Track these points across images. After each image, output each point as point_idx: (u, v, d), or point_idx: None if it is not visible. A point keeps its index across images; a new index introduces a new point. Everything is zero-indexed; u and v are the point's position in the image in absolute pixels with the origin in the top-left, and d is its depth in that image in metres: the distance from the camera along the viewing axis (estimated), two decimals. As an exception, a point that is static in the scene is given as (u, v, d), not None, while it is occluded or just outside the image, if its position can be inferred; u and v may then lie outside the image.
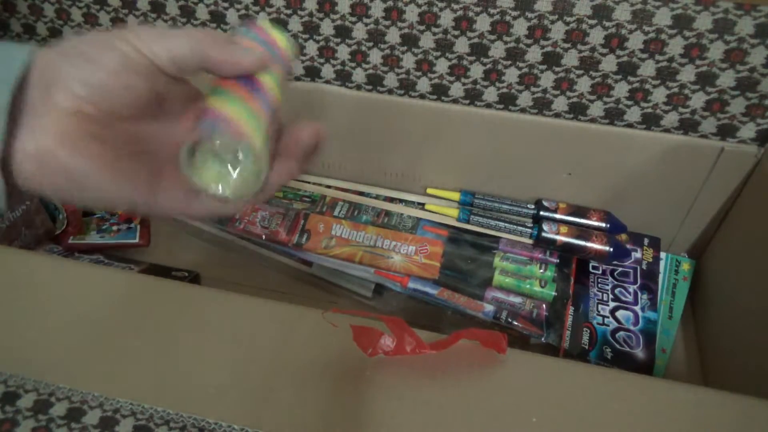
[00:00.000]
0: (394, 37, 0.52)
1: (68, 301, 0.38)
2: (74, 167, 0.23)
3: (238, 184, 0.26)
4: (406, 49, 0.53)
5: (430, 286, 0.53)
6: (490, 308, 0.51)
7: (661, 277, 0.55)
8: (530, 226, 0.56)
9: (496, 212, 0.58)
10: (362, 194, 0.62)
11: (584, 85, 0.51)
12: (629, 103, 0.51)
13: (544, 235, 0.54)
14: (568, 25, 0.48)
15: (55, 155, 0.23)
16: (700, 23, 0.45)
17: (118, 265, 0.58)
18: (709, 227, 0.55)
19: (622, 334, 0.51)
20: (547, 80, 0.51)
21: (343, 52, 0.55)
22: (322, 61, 0.56)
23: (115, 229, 0.63)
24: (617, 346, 0.50)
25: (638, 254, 0.56)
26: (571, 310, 0.52)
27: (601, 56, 0.49)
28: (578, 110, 0.52)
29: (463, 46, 0.51)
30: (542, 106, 0.53)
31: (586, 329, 0.51)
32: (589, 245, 0.54)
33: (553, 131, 0.53)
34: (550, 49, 0.49)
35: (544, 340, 0.50)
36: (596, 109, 0.52)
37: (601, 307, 0.53)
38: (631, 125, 0.52)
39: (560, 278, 0.54)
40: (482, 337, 0.35)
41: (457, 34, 0.51)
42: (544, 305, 0.52)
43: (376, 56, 0.54)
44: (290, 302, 0.37)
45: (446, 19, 0.50)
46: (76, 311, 0.38)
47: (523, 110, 0.54)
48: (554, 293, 0.53)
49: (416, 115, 0.55)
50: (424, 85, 0.55)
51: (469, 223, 0.57)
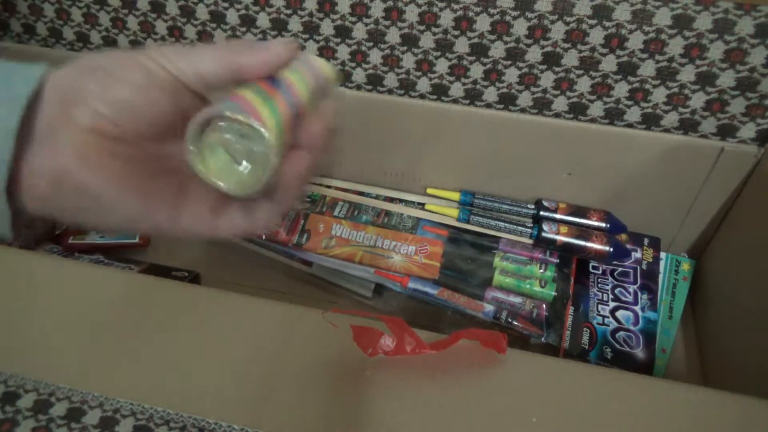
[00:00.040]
0: (394, 37, 0.52)
1: (68, 301, 0.38)
2: (93, 186, 0.22)
3: (244, 174, 0.24)
4: (406, 49, 0.53)
5: (430, 286, 0.53)
6: (490, 308, 0.51)
7: (661, 277, 0.55)
8: (530, 226, 0.56)
9: (496, 212, 0.58)
10: (362, 194, 0.62)
11: (584, 85, 0.51)
12: (629, 103, 0.51)
13: (544, 235, 0.54)
14: (568, 25, 0.48)
15: (72, 174, 0.21)
16: (700, 23, 0.45)
17: (118, 265, 0.58)
18: (709, 227, 0.55)
19: (622, 334, 0.51)
20: (547, 80, 0.51)
21: (343, 52, 0.55)
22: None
23: (115, 229, 0.63)
24: (617, 346, 0.50)
25: (638, 254, 0.56)
26: (571, 310, 0.52)
27: (601, 56, 0.49)
28: (578, 110, 0.52)
29: (463, 46, 0.51)
30: (542, 106, 0.53)
31: (586, 329, 0.51)
32: (589, 245, 0.54)
33: (553, 131, 0.53)
34: (550, 49, 0.49)
35: (544, 340, 0.50)
36: (596, 109, 0.52)
37: (601, 307, 0.53)
38: (631, 125, 0.52)
39: (560, 278, 0.54)
40: (482, 337, 0.35)
41: (457, 34, 0.51)
42: (544, 305, 0.52)
43: (376, 56, 0.54)
44: (290, 302, 0.37)
45: (446, 19, 0.50)
46: (76, 311, 0.38)
47: (523, 110, 0.54)
48: (554, 293, 0.53)
49: (416, 115, 0.55)
50: (424, 85, 0.55)
51: (469, 223, 0.57)
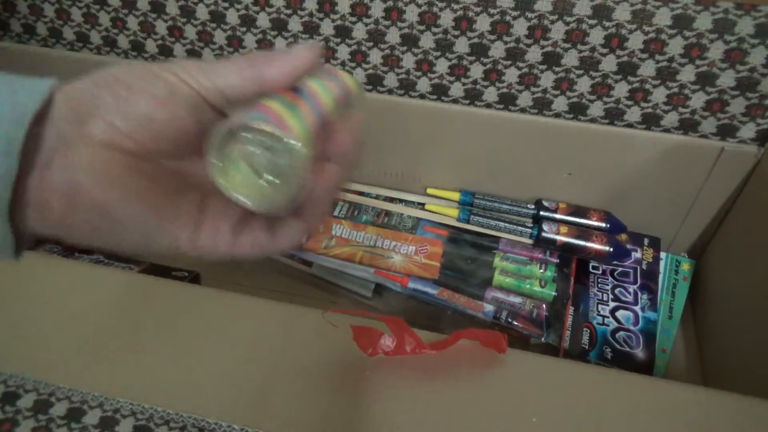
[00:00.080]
0: (394, 37, 0.52)
1: (68, 301, 0.38)
2: (110, 204, 0.21)
3: (270, 189, 0.23)
4: (406, 49, 0.53)
5: (430, 286, 0.53)
6: (490, 308, 0.51)
7: (661, 277, 0.55)
8: (530, 226, 0.56)
9: (496, 212, 0.58)
10: (362, 194, 0.62)
11: (584, 85, 0.51)
12: (629, 103, 0.51)
13: (544, 235, 0.54)
14: (568, 25, 0.48)
15: (87, 191, 0.20)
16: (700, 23, 0.45)
17: (118, 265, 0.58)
18: (709, 227, 0.55)
19: (622, 334, 0.51)
20: (547, 80, 0.51)
21: (343, 52, 0.55)
22: (322, 61, 0.56)
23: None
24: (617, 346, 0.50)
25: (638, 254, 0.56)
26: (571, 310, 0.52)
27: (601, 56, 0.49)
28: (578, 110, 0.52)
29: (463, 46, 0.51)
30: (542, 106, 0.53)
31: (586, 329, 0.51)
32: (589, 245, 0.54)
33: (553, 131, 0.53)
34: (550, 49, 0.49)
35: (544, 340, 0.50)
36: (596, 109, 0.52)
37: (601, 307, 0.53)
38: (631, 125, 0.52)
39: (560, 278, 0.54)
40: (482, 337, 0.35)
41: (457, 34, 0.51)
42: (544, 305, 0.52)
43: (376, 56, 0.54)
44: (290, 302, 0.37)
45: (446, 19, 0.50)
46: (76, 311, 0.38)
47: (523, 110, 0.54)
48: (554, 293, 0.53)
49: (416, 115, 0.55)
50: (424, 85, 0.55)
51: (469, 223, 0.57)
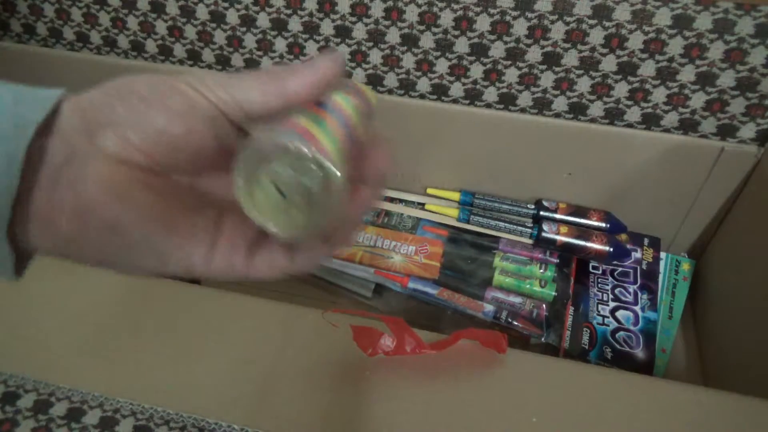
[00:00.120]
0: (394, 37, 0.52)
1: (68, 301, 0.38)
2: (121, 222, 0.19)
3: (300, 215, 0.21)
4: (406, 49, 0.53)
5: (430, 286, 0.53)
6: (490, 308, 0.51)
7: (661, 277, 0.55)
8: (530, 226, 0.56)
9: (496, 212, 0.58)
10: (362, 194, 0.62)
11: (584, 85, 0.51)
12: (629, 103, 0.51)
13: (544, 235, 0.54)
14: (568, 25, 0.48)
15: (99, 209, 0.19)
16: (700, 23, 0.45)
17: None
18: (709, 227, 0.55)
19: (622, 334, 0.51)
20: (547, 80, 0.51)
21: (343, 52, 0.55)
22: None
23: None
24: (617, 346, 0.50)
25: (638, 254, 0.56)
26: (571, 310, 0.52)
27: (601, 56, 0.49)
28: (578, 110, 0.52)
29: (463, 46, 0.51)
30: (542, 106, 0.53)
31: (586, 329, 0.51)
32: (589, 245, 0.54)
33: (553, 131, 0.53)
34: (550, 49, 0.49)
35: (544, 340, 0.50)
36: (596, 109, 0.52)
37: (601, 307, 0.53)
38: (631, 125, 0.52)
39: (560, 278, 0.54)
40: (482, 337, 0.35)
41: (457, 34, 0.51)
42: (544, 305, 0.52)
43: (376, 56, 0.54)
44: (290, 302, 0.37)
45: (446, 19, 0.50)
46: (76, 311, 0.38)
47: (523, 110, 0.54)
48: (554, 293, 0.53)
49: (416, 115, 0.55)
50: (424, 85, 0.55)
51: (469, 223, 0.57)
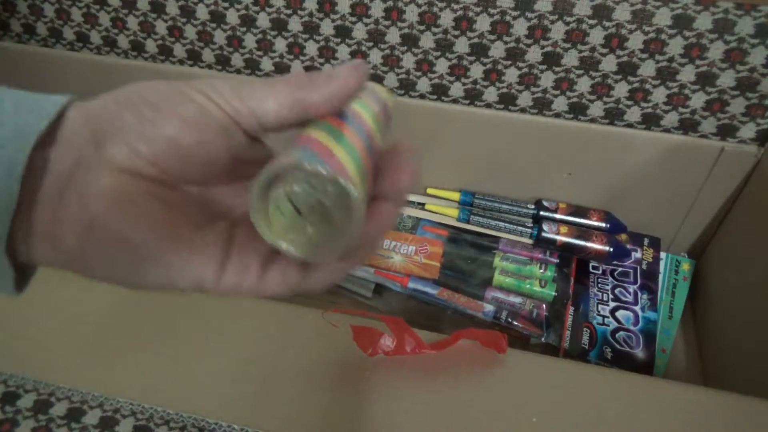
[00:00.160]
0: (394, 37, 0.52)
1: (68, 301, 0.38)
2: (131, 237, 0.19)
3: (318, 235, 0.20)
4: (406, 49, 0.53)
5: (430, 286, 0.53)
6: (490, 308, 0.51)
7: (661, 277, 0.55)
8: (530, 226, 0.56)
9: (496, 212, 0.58)
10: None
11: (584, 85, 0.51)
12: (629, 103, 0.51)
13: (544, 235, 0.54)
14: (568, 25, 0.48)
15: (106, 222, 0.18)
16: (700, 23, 0.45)
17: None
18: (709, 227, 0.55)
19: (622, 334, 0.51)
20: (547, 80, 0.51)
21: (343, 52, 0.55)
22: (322, 61, 0.56)
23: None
24: (617, 346, 0.50)
25: (638, 254, 0.56)
26: (571, 310, 0.52)
27: (601, 56, 0.49)
28: (578, 110, 0.52)
29: (463, 46, 0.51)
30: (542, 106, 0.53)
31: (586, 329, 0.51)
32: (589, 245, 0.54)
33: (553, 131, 0.53)
34: (550, 49, 0.49)
35: (544, 340, 0.50)
36: (596, 109, 0.52)
37: (601, 307, 0.53)
38: (631, 125, 0.52)
39: (560, 278, 0.54)
40: (482, 337, 0.35)
41: (457, 34, 0.51)
42: (544, 305, 0.52)
43: (376, 56, 0.54)
44: (290, 302, 0.37)
45: (446, 19, 0.50)
46: (76, 311, 0.38)
47: (523, 110, 0.54)
48: (554, 293, 0.53)
49: (416, 115, 0.55)
50: (424, 85, 0.55)
51: (469, 223, 0.57)
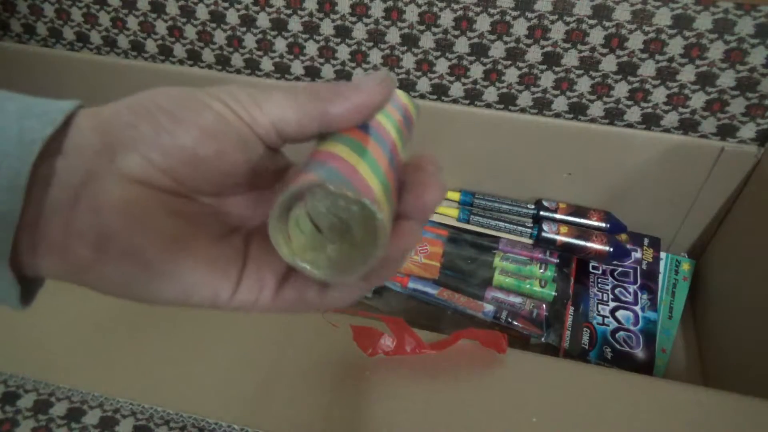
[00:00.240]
0: (394, 37, 0.52)
1: (68, 301, 0.38)
2: (146, 251, 0.18)
3: (340, 254, 0.19)
4: (406, 49, 0.53)
5: (430, 286, 0.53)
6: (490, 308, 0.51)
7: (661, 277, 0.55)
8: (530, 226, 0.56)
9: (496, 212, 0.58)
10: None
11: (584, 85, 0.51)
12: (629, 103, 0.51)
13: (544, 235, 0.54)
14: (568, 25, 0.48)
15: (119, 236, 0.18)
16: (700, 23, 0.45)
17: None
18: (709, 227, 0.55)
19: (622, 334, 0.51)
20: (547, 80, 0.51)
21: (343, 52, 0.55)
22: (322, 61, 0.56)
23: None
24: (617, 346, 0.50)
25: (638, 254, 0.56)
26: (571, 310, 0.52)
27: (601, 56, 0.49)
28: (578, 110, 0.52)
29: (463, 46, 0.51)
30: (542, 106, 0.53)
31: (586, 329, 0.51)
32: (589, 245, 0.54)
33: (553, 131, 0.53)
34: (550, 49, 0.49)
35: (544, 340, 0.50)
36: (596, 109, 0.52)
37: (601, 307, 0.53)
38: (631, 125, 0.52)
39: (560, 278, 0.54)
40: (482, 337, 0.35)
41: (457, 34, 0.51)
42: (544, 305, 0.52)
43: (376, 56, 0.54)
44: (290, 302, 0.37)
45: (446, 19, 0.50)
46: (76, 311, 0.38)
47: (523, 110, 0.54)
48: (554, 293, 0.53)
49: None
50: (424, 85, 0.55)
51: (469, 223, 0.57)
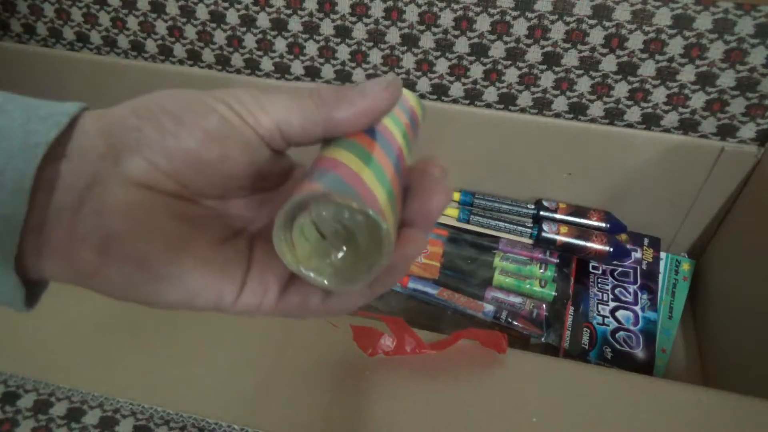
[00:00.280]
0: (394, 37, 0.52)
1: (68, 301, 0.38)
2: (149, 253, 0.18)
3: (344, 263, 0.19)
4: (406, 49, 0.53)
5: (430, 286, 0.53)
6: (490, 308, 0.51)
7: (661, 277, 0.55)
8: (530, 226, 0.56)
9: (496, 212, 0.58)
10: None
11: (584, 85, 0.51)
12: (629, 103, 0.51)
13: (544, 235, 0.54)
14: (568, 25, 0.48)
15: (124, 239, 0.18)
16: (700, 23, 0.45)
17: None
18: (709, 227, 0.55)
19: (622, 334, 0.51)
20: (547, 80, 0.51)
21: (343, 52, 0.55)
22: (322, 61, 0.56)
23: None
24: (617, 346, 0.50)
25: (638, 254, 0.56)
26: (571, 310, 0.52)
27: (601, 56, 0.49)
28: (578, 110, 0.52)
29: (463, 46, 0.51)
30: (542, 106, 0.53)
31: (586, 329, 0.51)
32: (589, 245, 0.54)
33: (553, 131, 0.53)
34: (550, 49, 0.49)
35: (544, 340, 0.50)
36: (596, 109, 0.52)
37: (601, 307, 0.53)
38: (631, 125, 0.52)
39: (560, 278, 0.54)
40: (482, 337, 0.35)
41: (457, 34, 0.51)
42: (544, 305, 0.52)
43: (376, 56, 0.54)
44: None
45: (446, 19, 0.50)
46: (76, 311, 0.38)
47: (523, 110, 0.54)
48: (554, 293, 0.53)
49: (416, 115, 0.55)
50: (424, 85, 0.55)
51: (469, 223, 0.57)
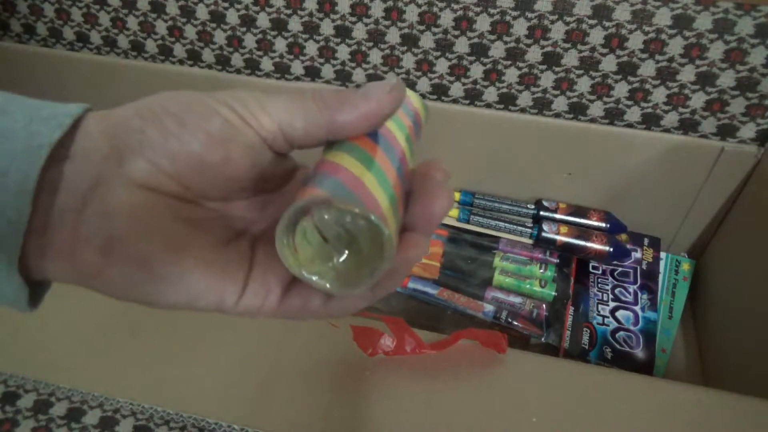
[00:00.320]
0: (394, 37, 0.52)
1: (68, 301, 0.38)
2: (151, 254, 0.18)
3: (347, 267, 0.19)
4: (406, 49, 0.53)
5: (430, 286, 0.53)
6: (490, 308, 0.51)
7: (661, 277, 0.55)
8: (530, 226, 0.56)
9: (496, 212, 0.58)
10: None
11: (584, 85, 0.51)
12: (629, 103, 0.51)
13: (544, 235, 0.54)
14: (568, 25, 0.48)
15: (127, 241, 0.18)
16: (700, 23, 0.45)
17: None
18: (709, 227, 0.55)
19: (622, 334, 0.51)
20: (547, 80, 0.51)
21: (343, 52, 0.55)
22: (322, 61, 0.56)
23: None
24: (617, 346, 0.50)
25: (638, 254, 0.56)
26: (571, 310, 0.52)
27: (601, 56, 0.49)
28: (578, 110, 0.52)
29: (463, 46, 0.51)
30: (542, 106, 0.53)
31: (586, 329, 0.51)
32: (589, 245, 0.54)
33: (553, 131, 0.53)
34: (550, 49, 0.49)
35: (544, 340, 0.50)
36: (596, 109, 0.52)
37: (601, 307, 0.53)
38: (631, 125, 0.52)
39: (560, 278, 0.54)
40: (482, 337, 0.35)
41: (457, 34, 0.51)
42: (544, 305, 0.52)
43: (376, 56, 0.54)
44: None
45: (446, 19, 0.50)
46: (76, 311, 0.38)
47: (523, 110, 0.54)
48: (554, 293, 0.53)
49: (416, 115, 0.55)
50: (424, 85, 0.55)
51: (469, 223, 0.57)
